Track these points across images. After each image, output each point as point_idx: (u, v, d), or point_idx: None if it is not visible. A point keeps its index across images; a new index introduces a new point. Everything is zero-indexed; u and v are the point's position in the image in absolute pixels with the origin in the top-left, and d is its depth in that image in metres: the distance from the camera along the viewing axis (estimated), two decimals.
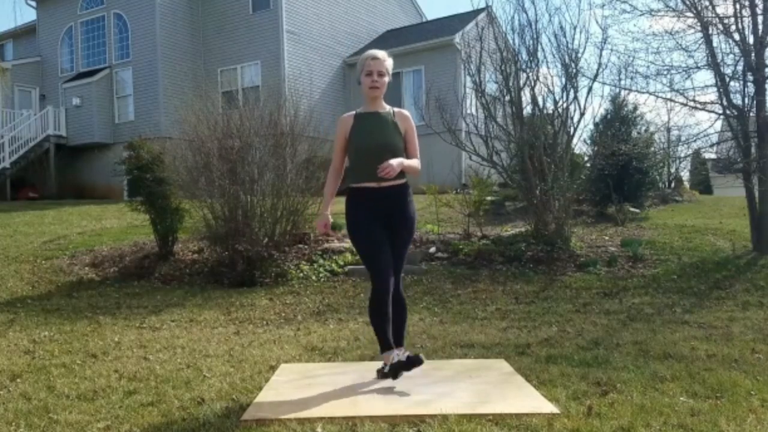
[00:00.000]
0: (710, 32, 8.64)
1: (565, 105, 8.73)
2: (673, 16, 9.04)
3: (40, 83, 21.36)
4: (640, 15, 9.22)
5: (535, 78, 8.92)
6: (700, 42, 8.83)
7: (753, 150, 8.78)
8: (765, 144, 8.42)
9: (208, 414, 3.10)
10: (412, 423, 2.87)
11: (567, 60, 8.66)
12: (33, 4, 21.60)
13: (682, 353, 4.24)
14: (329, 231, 3.48)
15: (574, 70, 8.66)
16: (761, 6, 8.41)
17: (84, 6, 20.52)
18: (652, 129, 13.36)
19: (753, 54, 8.41)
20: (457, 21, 19.61)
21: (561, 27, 12.39)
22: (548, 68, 17.12)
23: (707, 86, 11.97)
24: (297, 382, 3.62)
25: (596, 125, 11.82)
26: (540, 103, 9.03)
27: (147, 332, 5.36)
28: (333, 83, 20.06)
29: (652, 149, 12.78)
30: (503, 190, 12.28)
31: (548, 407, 3.03)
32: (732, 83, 8.72)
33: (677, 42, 8.98)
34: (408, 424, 2.85)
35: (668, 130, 15.82)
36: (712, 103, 8.92)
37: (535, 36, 8.87)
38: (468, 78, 9.61)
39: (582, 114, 8.77)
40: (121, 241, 9.71)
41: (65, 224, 11.68)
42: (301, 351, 4.55)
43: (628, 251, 8.25)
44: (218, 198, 7.91)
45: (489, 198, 10.69)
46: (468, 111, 10.86)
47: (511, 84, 8.97)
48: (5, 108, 19.44)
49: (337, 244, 8.48)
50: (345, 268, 7.87)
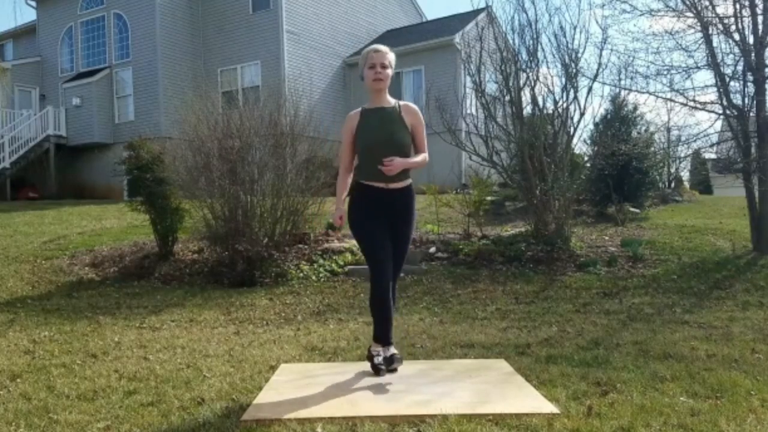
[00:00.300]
0: (710, 32, 8.64)
1: (565, 105, 8.74)
2: (673, 16, 9.06)
3: (40, 83, 21.37)
4: (640, 15, 9.23)
5: (535, 78, 8.92)
6: (700, 42, 8.84)
7: (753, 150, 8.78)
8: (765, 144, 8.42)
9: (208, 414, 3.10)
10: (412, 423, 2.87)
11: (567, 60, 8.67)
12: (33, 4, 21.61)
13: (682, 353, 4.24)
14: (344, 222, 3.54)
15: (574, 70, 8.66)
16: (761, 6, 8.41)
17: (84, 6, 20.53)
18: (652, 129, 13.36)
19: (753, 54, 8.41)
20: (457, 21, 19.63)
21: (561, 27, 12.38)
22: (548, 68, 17.15)
23: (707, 86, 11.99)
24: (297, 382, 3.61)
25: (596, 125, 11.82)
26: (540, 103, 9.03)
27: (147, 332, 5.36)
28: (333, 83, 20.07)
29: (652, 149, 12.77)
30: (503, 190, 12.28)
31: (548, 407, 3.04)
32: (732, 83, 8.74)
33: (677, 42, 8.99)
34: (408, 424, 2.85)
35: (668, 130, 15.83)
36: (712, 103, 8.93)
37: (535, 36, 8.89)
38: (468, 78, 9.61)
39: (582, 114, 8.78)
40: (121, 241, 9.71)
41: (65, 224, 11.68)
42: (301, 351, 4.55)
43: (628, 251, 8.25)
44: (218, 198, 7.91)
45: (489, 198, 10.69)
46: (468, 111, 10.86)
47: (511, 84, 8.97)
48: (5, 108, 19.44)
49: (337, 244, 8.48)
50: (345, 268, 7.88)
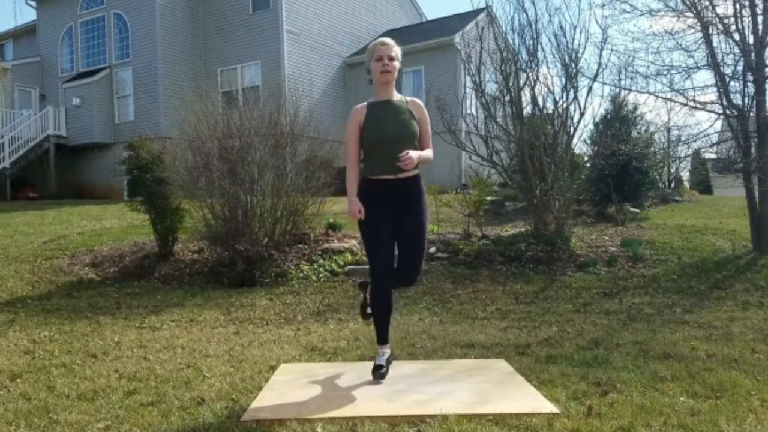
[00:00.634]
0: (710, 32, 8.63)
1: (565, 105, 8.73)
2: (673, 16, 9.05)
3: (40, 83, 21.37)
4: (640, 15, 9.22)
5: (535, 78, 8.91)
6: (700, 42, 8.83)
7: (753, 150, 8.77)
8: (765, 144, 8.42)
9: (208, 414, 3.10)
10: (412, 423, 2.87)
11: (567, 60, 8.66)
12: (33, 4, 21.61)
13: (682, 353, 4.24)
14: (363, 216, 3.44)
15: (574, 70, 8.65)
16: (761, 6, 8.41)
17: (84, 6, 20.53)
18: (652, 129, 13.36)
19: (753, 54, 8.41)
20: (457, 21, 19.64)
21: (561, 27, 12.39)
22: (548, 68, 17.18)
23: (707, 86, 11.99)
24: (297, 382, 3.62)
25: (596, 125, 11.81)
26: (540, 103, 9.02)
27: (147, 332, 5.36)
28: (333, 83, 20.07)
29: (652, 149, 12.77)
30: (503, 190, 12.28)
31: (548, 407, 3.04)
32: (732, 83, 8.73)
33: (677, 42, 8.98)
34: (408, 424, 2.86)
35: (668, 130, 15.84)
36: (712, 103, 8.92)
37: (535, 36, 8.87)
38: (468, 78, 9.60)
39: (582, 114, 8.76)
40: (121, 241, 9.71)
41: (65, 224, 11.68)
42: (301, 351, 4.56)
43: (628, 251, 8.24)
44: (218, 198, 7.91)
45: (489, 198, 10.68)
46: (468, 111, 10.85)
47: (511, 84, 8.97)
48: (5, 108, 19.43)
49: (337, 244, 8.47)
50: (345, 268, 7.87)
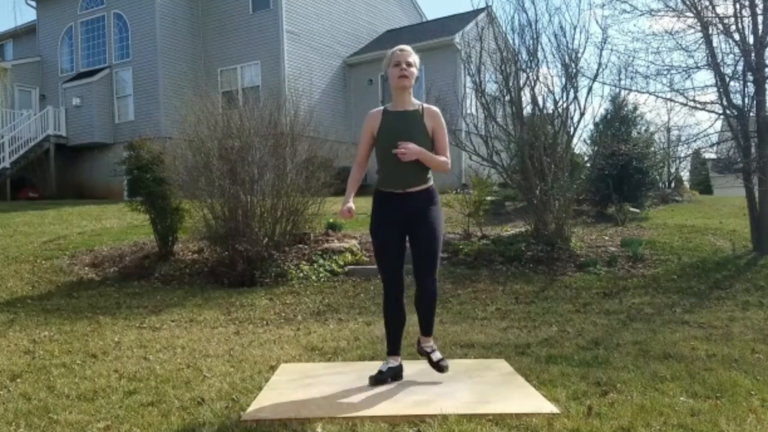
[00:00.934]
0: (710, 32, 8.63)
1: (565, 105, 8.73)
2: (673, 16, 9.05)
3: (40, 83, 21.36)
4: (640, 15, 9.22)
5: (535, 78, 8.91)
6: (700, 42, 8.83)
7: (753, 150, 8.77)
8: (765, 144, 8.42)
9: (208, 414, 3.10)
10: (412, 423, 2.87)
11: (567, 60, 8.66)
12: (33, 4, 21.60)
13: (682, 353, 4.24)
14: (353, 216, 3.45)
15: (574, 70, 8.65)
16: (761, 6, 8.41)
17: (84, 6, 20.52)
18: (652, 129, 13.36)
19: (753, 54, 8.40)
20: (457, 21, 19.62)
21: (561, 27, 12.38)
22: (548, 68, 17.13)
23: (707, 86, 12.01)
24: (297, 382, 3.62)
25: (596, 125, 11.80)
26: (540, 103, 9.02)
27: (147, 332, 5.36)
28: (333, 83, 20.05)
29: (652, 149, 12.77)
30: (503, 190, 12.27)
31: (548, 407, 3.04)
32: (732, 83, 8.72)
33: (677, 42, 8.98)
34: (408, 424, 2.86)
35: (668, 130, 15.86)
36: (712, 103, 8.92)
37: (535, 36, 8.87)
38: (468, 78, 9.60)
39: (582, 114, 8.76)
40: (121, 241, 9.71)
41: (65, 224, 11.68)
42: (301, 351, 4.56)
43: (628, 251, 8.24)
44: (218, 198, 7.91)
45: (489, 198, 10.67)
46: (468, 111, 10.85)
47: (511, 84, 8.97)
48: (5, 108, 19.43)
49: (337, 244, 8.48)
50: (345, 268, 7.88)
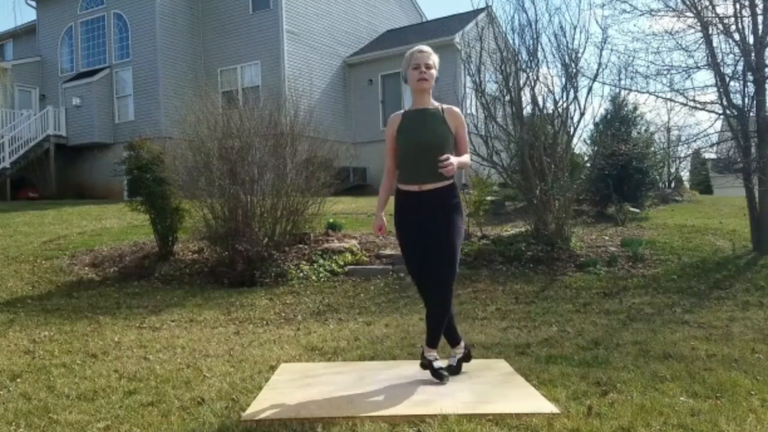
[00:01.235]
0: (710, 32, 8.62)
1: (565, 105, 8.72)
2: (673, 16, 9.04)
3: (40, 83, 21.35)
4: (640, 15, 9.21)
5: (535, 78, 8.91)
6: (700, 42, 8.82)
7: (753, 150, 8.76)
8: (765, 144, 8.41)
9: (208, 414, 3.10)
10: (412, 423, 2.87)
11: (567, 60, 8.66)
12: (33, 4, 21.59)
13: (682, 353, 4.24)
14: (384, 233, 3.48)
15: (574, 70, 8.65)
16: (761, 6, 8.40)
17: (84, 6, 20.52)
18: (652, 129, 13.37)
19: (753, 54, 8.40)
20: (457, 21, 19.61)
21: (561, 27, 12.36)
22: (548, 68, 17.09)
23: (707, 86, 12.02)
24: (297, 382, 3.62)
25: (596, 125, 11.80)
26: (540, 103, 9.01)
27: (147, 332, 5.36)
28: (333, 83, 20.05)
29: (652, 149, 12.77)
30: (503, 190, 12.27)
31: (548, 407, 3.04)
32: (732, 83, 8.71)
33: (677, 42, 8.97)
34: (408, 424, 2.85)
35: (668, 130, 15.87)
36: (712, 103, 8.91)
37: (535, 36, 8.87)
38: (468, 78, 9.60)
39: (582, 114, 8.75)
40: (121, 241, 9.71)
41: (65, 224, 11.68)
42: (301, 351, 4.56)
43: (628, 251, 8.24)
44: (218, 198, 7.91)
45: (489, 198, 10.67)
46: (468, 111, 10.85)
47: (511, 84, 8.96)
48: (5, 108, 19.42)
49: (337, 244, 8.48)
50: (345, 268, 7.88)
